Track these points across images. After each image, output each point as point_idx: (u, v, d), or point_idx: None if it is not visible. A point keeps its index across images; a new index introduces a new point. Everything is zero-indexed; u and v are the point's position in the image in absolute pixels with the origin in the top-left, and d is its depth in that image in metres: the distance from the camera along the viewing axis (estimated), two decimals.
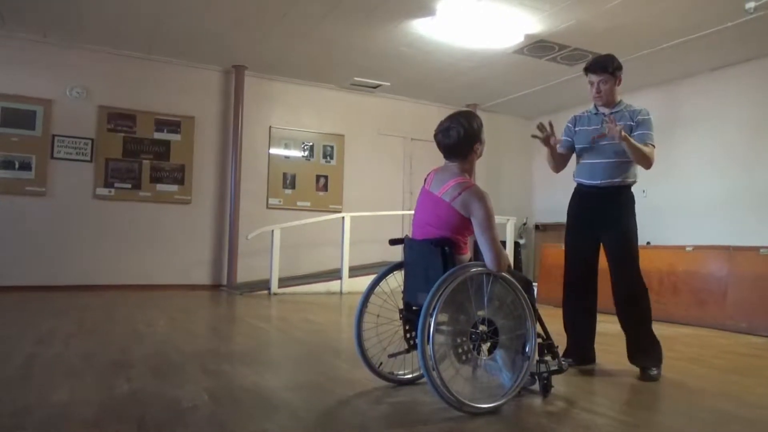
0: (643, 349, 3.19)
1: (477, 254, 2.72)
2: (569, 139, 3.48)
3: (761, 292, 5.14)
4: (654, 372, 3.09)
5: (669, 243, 6.97)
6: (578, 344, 3.41)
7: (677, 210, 7.82)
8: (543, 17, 6.16)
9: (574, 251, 3.45)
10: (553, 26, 6.38)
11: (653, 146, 3.21)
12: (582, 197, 3.43)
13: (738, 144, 7.37)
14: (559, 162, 3.50)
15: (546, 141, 3.35)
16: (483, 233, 2.53)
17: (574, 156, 3.52)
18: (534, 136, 3.37)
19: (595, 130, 3.33)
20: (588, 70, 3.37)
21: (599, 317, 3.42)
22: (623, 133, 3.05)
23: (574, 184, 3.52)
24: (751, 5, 5.58)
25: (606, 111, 3.34)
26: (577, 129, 3.45)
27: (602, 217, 3.30)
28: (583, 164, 3.40)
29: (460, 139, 2.63)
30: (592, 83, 3.34)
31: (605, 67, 3.30)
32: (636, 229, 3.30)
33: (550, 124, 3.36)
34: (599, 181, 3.30)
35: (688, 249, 5.90)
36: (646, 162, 3.18)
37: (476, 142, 2.67)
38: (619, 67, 3.33)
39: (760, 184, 7.08)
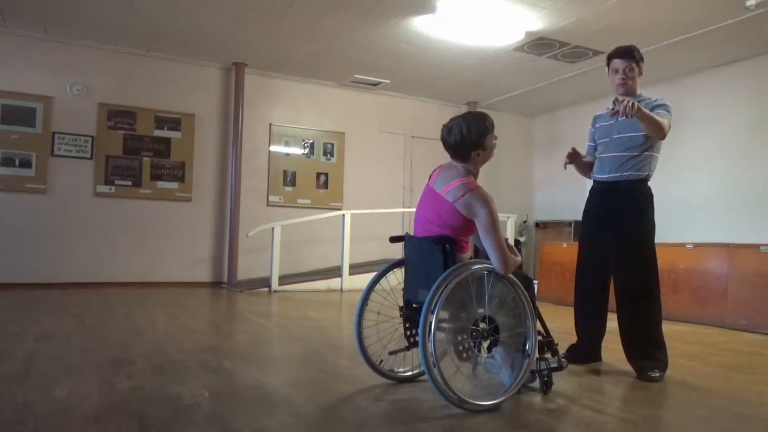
0: (646, 354, 3.09)
1: (477, 253, 2.72)
2: (593, 144, 3.44)
3: (761, 290, 5.14)
4: (656, 374, 3.00)
5: (669, 240, 6.97)
6: (586, 343, 3.40)
7: (678, 207, 7.81)
8: (544, 14, 6.15)
9: (585, 248, 3.42)
10: (553, 23, 6.37)
11: (668, 122, 3.09)
12: (594, 193, 3.39)
13: (739, 141, 7.36)
14: (590, 169, 3.45)
15: (573, 159, 3.38)
16: (487, 236, 2.51)
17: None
18: (566, 165, 3.42)
19: (611, 125, 3.26)
20: (613, 56, 3.25)
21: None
22: (634, 104, 2.81)
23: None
24: (751, 2, 5.56)
25: None
26: (596, 126, 3.41)
27: (611, 212, 3.24)
28: (598, 159, 3.35)
29: (457, 142, 2.60)
30: (617, 70, 3.22)
31: (632, 53, 3.21)
32: (648, 226, 3.18)
33: (573, 150, 3.39)
34: (607, 175, 3.25)
35: (688, 246, 5.90)
36: (660, 131, 3.04)
37: (475, 149, 2.60)
38: (643, 59, 3.25)
39: (761, 182, 7.08)
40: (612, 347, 3.41)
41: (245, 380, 2.83)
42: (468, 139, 2.58)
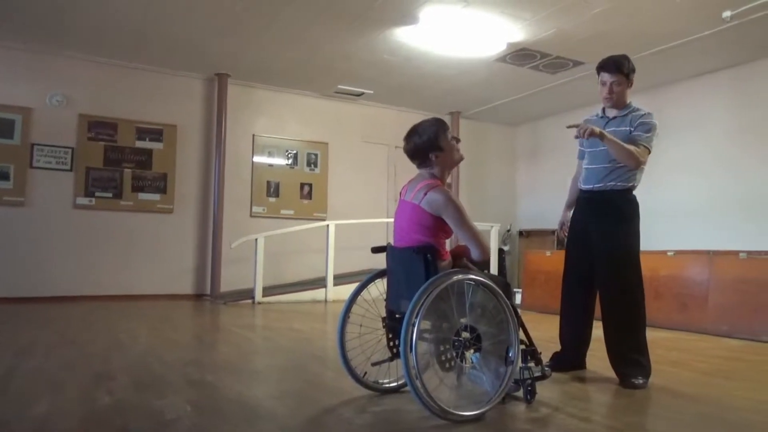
0: (629, 361, 3.11)
1: (455, 261, 2.74)
2: (582, 149, 3.46)
3: (741, 296, 5.21)
4: (640, 381, 3.02)
5: (651, 248, 7.04)
6: (570, 351, 3.42)
7: (659, 215, 7.88)
8: (525, 25, 6.21)
9: (570, 257, 3.45)
10: (535, 34, 6.44)
11: (645, 148, 3.10)
12: (580, 202, 3.43)
13: (719, 149, 7.47)
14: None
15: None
16: (460, 227, 2.57)
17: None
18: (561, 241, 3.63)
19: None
20: (602, 68, 3.23)
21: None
22: (595, 130, 2.91)
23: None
24: (727, 14, 5.68)
25: (612, 113, 3.27)
26: None
27: (595, 221, 3.27)
28: (585, 170, 3.38)
29: (414, 147, 2.75)
30: (604, 83, 3.22)
31: (620, 67, 3.18)
32: (631, 234, 3.20)
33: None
34: (592, 185, 3.28)
35: (669, 254, 5.97)
36: (631, 160, 3.05)
37: (431, 151, 2.71)
38: (633, 70, 3.23)
39: (741, 190, 7.18)
40: (597, 354, 3.43)
41: (229, 393, 2.80)
42: (420, 144, 2.73)
